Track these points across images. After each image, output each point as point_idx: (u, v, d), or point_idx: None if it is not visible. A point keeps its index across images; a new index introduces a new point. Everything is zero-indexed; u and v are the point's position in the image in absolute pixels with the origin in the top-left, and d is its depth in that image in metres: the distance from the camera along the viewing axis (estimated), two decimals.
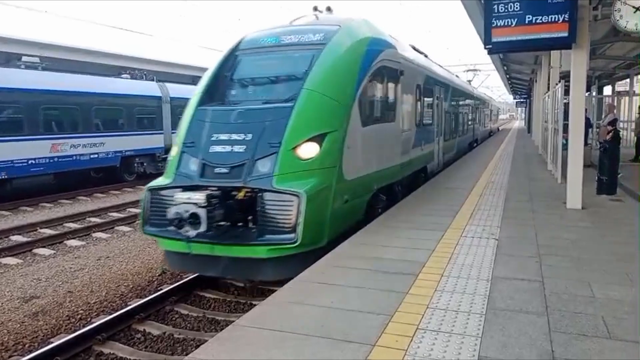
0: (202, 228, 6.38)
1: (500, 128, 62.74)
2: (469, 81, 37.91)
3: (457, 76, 24.99)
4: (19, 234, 12.45)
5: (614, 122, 15.51)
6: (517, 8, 9.74)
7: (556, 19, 9.41)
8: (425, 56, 15.27)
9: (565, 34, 9.37)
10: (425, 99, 13.45)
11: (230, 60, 8.88)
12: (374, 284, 5.44)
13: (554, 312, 4.62)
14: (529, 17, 9.61)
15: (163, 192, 7.26)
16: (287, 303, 4.93)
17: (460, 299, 4.98)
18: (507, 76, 39.40)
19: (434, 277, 5.62)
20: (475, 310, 4.69)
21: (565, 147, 11.90)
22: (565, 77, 16.72)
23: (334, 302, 4.93)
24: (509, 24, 9.79)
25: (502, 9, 9.84)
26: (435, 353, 3.88)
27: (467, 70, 46.53)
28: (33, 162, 17.29)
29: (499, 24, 9.88)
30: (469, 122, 25.12)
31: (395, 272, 5.79)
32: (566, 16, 9.30)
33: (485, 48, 10.65)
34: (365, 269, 5.94)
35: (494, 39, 10.01)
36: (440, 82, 15.86)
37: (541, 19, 9.51)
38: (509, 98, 77.86)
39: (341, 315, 4.61)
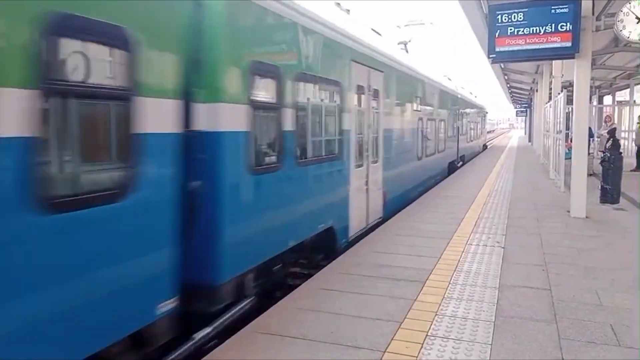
0: None
1: (487, 144, 41.25)
2: (404, 44, 17.51)
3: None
4: None
5: (612, 132, 15.60)
6: (520, 18, 9.82)
7: (560, 29, 9.49)
8: None
9: (569, 44, 9.45)
10: None
11: None
12: (381, 290, 5.44)
13: (563, 320, 4.63)
14: (532, 28, 9.70)
15: None
16: (296, 309, 4.94)
17: (469, 306, 4.99)
18: (508, 85, 39.58)
19: (442, 285, 5.63)
20: (484, 317, 4.70)
21: (568, 156, 11.96)
22: (566, 86, 16.85)
23: (342, 309, 4.94)
24: (513, 34, 9.88)
25: (505, 19, 9.92)
26: None
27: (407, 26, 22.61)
28: None
29: (502, 34, 9.97)
30: None
31: (402, 279, 5.80)
32: (570, 26, 9.38)
33: (489, 58, 10.74)
34: (372, 276, 5.95)
35: (498, 49, 10.10)
36: None
37: (544, 29, 9.60)
38: (509, 106, 76.97)
39: (350, 322, 4.62)
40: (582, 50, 9.46)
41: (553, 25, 9.52)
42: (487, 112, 39.44)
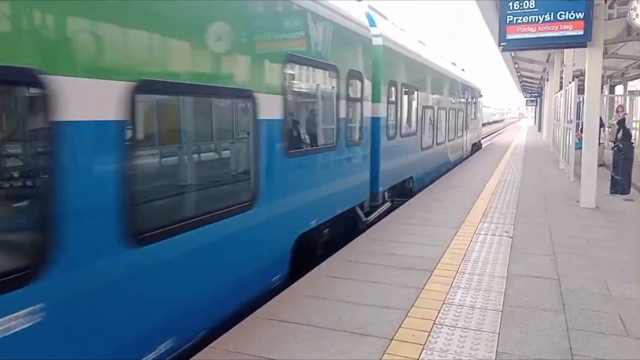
0: None
1: (481, 142, 28.70)
2: None
3: None
4: None
5: (621, 122, 15.43)
6: (532, 5, 9.71)
7: (572, 17, 9.37)
8: None
9: (581, 32, 9.34)
10: None
11: None
12: (388, 279, 5.45)
13: (571, 310, 4.61)
14: (544, 15, 9.58)
15: None
16: (303, 296, 4.95)
17: (476, 295, 4.98)
18: (518, 74, 39.22)
19: (449, 274, 5.62)
20: (492, 306, 4.69)
21: (578, 146, 11.86)
22: (577, 76, 16.66)
23: (350, 296, 4.95)
24: (524, 21, 9.76)
25: (517, 7, 9.81)
26: (452, 348, 3.89)
27: None
28: None
29: (513, 22, 9.86)
30: None
31: (410, 268, 5.80)
32: (582, 14, 9.26)
33: (499, 46, 10.64)
34: (380, 264, 5.95)
35: (509, 37, 10.00)
36: None
37: (556, 17, 9.48)
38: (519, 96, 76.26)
39: (357, 309, 4.63)
40: (594, 39, 9.34)
41: (565, 13, 9.40)
42: (481, 95, 26.04)
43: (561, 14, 9.41)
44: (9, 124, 3.20)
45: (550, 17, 9.51)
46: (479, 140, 27.17)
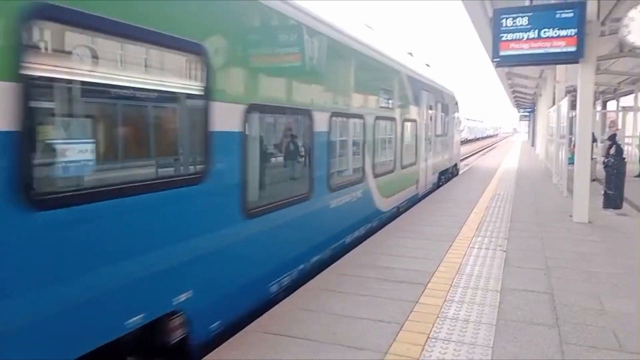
0: None
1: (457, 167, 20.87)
2: None
3: None
4: None
5: (612, 137, 15.57)
6: (525, 22, 9.83)
7: (564, 34, 9.49)
8: None
9: (573, 49, 9.46)
10: None
11: None
12: (383, 292, 5.44)
13: (565, 324, 4.62)
14: (536, 32, 9.70)
15: None
16: (298, 310, 4.94)
17: (470, 309, 4.98)
18: (512, 89, 39.60)
19: (443, 287, 5.62)
20: (486, 320, 4.69)
21: (571, 161, 11.95)
22: (570, 91, 16.85)
23: (344, 310, 4.94)
24: (517, 38, 9.88)
25: (510, 23, 9.93)
26: None
27: None
28: None
29: (506, 38, 9.97)
30: None
31: (404, 281, 5.80)
32: (574, 31, 9.39)
33: (492, 61, 10.76)
34: (374, 277, 5.95)
35: (502, 53, 10.11)
36: None
37: (549, 34, 9.60)
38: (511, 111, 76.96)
39: (352, 323, 4.62)
40: (586, 55, 9.46)
41: (557, 29, 9.52)
42: (456, 103, 19.19)
43: (554, 30, 9.53)
44: None
45: (543, 33, 9.63)
46: (455, 165, 19.88)
